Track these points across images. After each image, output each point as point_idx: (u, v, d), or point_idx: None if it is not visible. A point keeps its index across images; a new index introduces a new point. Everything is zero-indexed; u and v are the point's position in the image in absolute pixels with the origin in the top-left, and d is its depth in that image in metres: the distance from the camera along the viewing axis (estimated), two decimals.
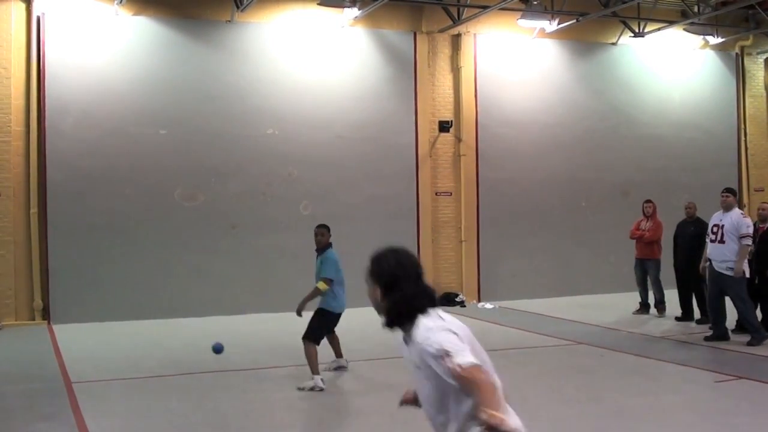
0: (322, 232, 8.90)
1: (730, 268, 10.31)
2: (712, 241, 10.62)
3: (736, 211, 10.53)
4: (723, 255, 10.41)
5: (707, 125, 17.52)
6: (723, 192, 10.79)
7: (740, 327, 11.10)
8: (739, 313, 10.57)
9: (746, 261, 10.50)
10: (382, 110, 14.92)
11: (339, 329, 9.05)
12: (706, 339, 10.75)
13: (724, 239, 10.39)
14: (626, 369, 9.29)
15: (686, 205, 12.80)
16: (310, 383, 8.24)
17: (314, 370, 8.35)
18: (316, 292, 8.62)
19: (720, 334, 10.69)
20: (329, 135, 14.56)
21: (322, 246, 8.85)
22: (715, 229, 10.60)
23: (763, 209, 11.28)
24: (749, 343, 10.32)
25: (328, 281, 8.58)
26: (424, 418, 3.38)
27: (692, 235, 12.32)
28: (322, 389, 8.21)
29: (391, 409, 5.27)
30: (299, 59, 14.41)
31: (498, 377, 3.22)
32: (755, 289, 10.86)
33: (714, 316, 10.83)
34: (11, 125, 12.84)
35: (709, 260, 10.70)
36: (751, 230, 10.48)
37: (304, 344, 8.46)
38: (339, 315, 8.85)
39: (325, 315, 8.72)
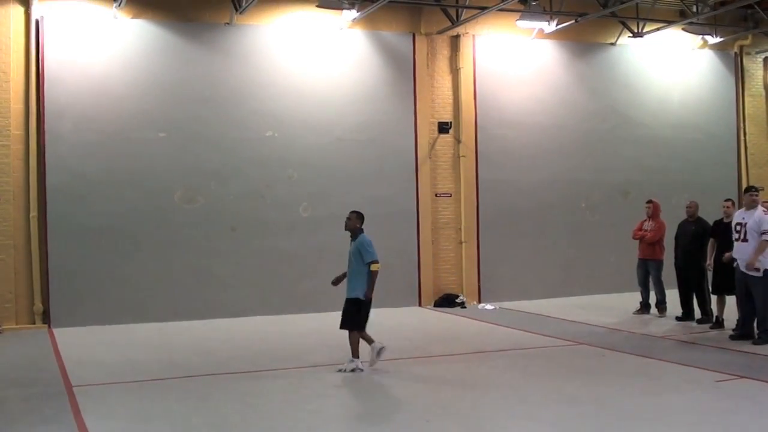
0: (350, 216, 9.28)
1: (755, 267, 10.28)
2: (735, 240, 10.56)
3: (759, 208, 10.42)
4: (747, 253, 10.35)
5: (706, 125, 17.53)
6: (747, 190, 10.72)
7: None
8: (757, 311, 10.47)
9: None
10: (382, 112, 14.93)
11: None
12: (731, 338, 10.72)
13: (747, 237, 10.34)
14: (627, 369, 9.29)
15: (687, 204, 12.79)
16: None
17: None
18: (375, 275, 9.01)
19: (746, 332, 10.61)
20: (329, 137, 14.57)
21: (352, 230, 9.23)
22: (738, 228, 10.52)
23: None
24: (755, 342, 10.31)
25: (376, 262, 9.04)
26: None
27: (693, 235, 12.34)
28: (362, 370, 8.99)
29: (394, 410, 5.32)
30: (298, 61, 14.42)
31: None
32: None
33: (742, 315, 10.73)
34: (10, 129, 12.85)
35: (735, 259, 10.65)
36: None
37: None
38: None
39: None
